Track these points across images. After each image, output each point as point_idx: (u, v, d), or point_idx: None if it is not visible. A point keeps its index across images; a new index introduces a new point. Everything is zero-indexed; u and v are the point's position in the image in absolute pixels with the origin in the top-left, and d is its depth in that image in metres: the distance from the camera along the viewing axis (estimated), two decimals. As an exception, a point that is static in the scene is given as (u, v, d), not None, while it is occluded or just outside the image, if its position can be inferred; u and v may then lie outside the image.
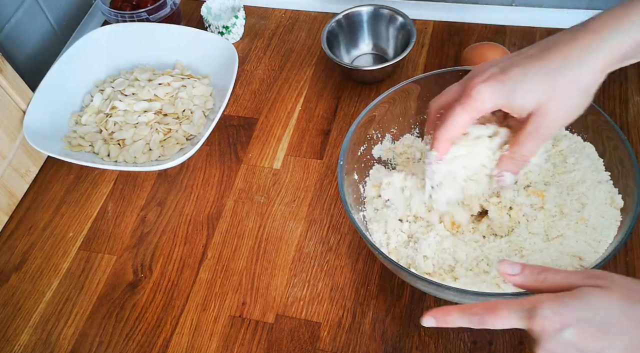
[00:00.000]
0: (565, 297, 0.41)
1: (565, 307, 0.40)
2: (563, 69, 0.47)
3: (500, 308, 0.42)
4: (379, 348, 0.62)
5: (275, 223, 0.72)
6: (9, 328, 0.67)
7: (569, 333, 0.40)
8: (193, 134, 0.79)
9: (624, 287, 0.41)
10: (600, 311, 0.40)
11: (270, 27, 0.94)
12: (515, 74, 0.48)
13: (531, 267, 0.45)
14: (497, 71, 0.49)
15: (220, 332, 0.65)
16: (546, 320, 0.40)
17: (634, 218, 0.55)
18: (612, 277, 0.42)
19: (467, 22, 0.90)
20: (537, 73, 0.48)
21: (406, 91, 0.69)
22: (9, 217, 0.76)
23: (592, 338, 0.40)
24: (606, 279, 0.42)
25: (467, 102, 0.49)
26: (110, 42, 0.87)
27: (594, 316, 0.40)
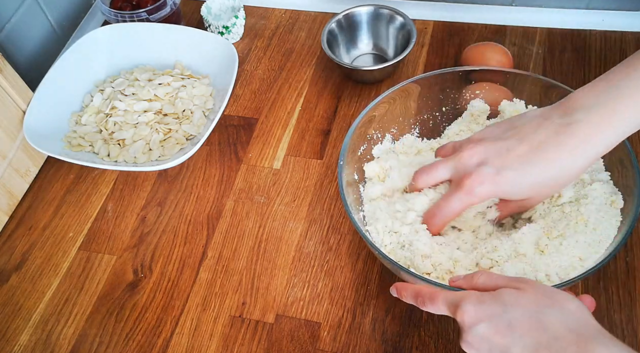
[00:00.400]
0: (485, 296, 0.45)
1: (482, 304, 0.45)
2: (551, 174, 0.53)
3: (437, 297, 0.48)
4: (379, 348, 0.62)
5: (275, 223, 0.72)
6: (9, 328, 0.67)
7: (482, 327, 0.44)
8: (193, 134, 0.79)
9: (539, 292, 0.45)
10: (510, 310, 0.44)
11: (270, 27, 0.94)
12: (510, 179, 0.53)
13: (472, 274, 0.50)
14: (493, 172, 0.54)
15: (220, 332, 0.65)
16: (465, 314, 0.45)
17: (633, 218, 0.55)
18: (533, 283, 0.46)
19: (467, 22, 0.90)
20: (529, 179, 0.53)
21: (406, 91, 0.69)
22: (9, 217, 0.76)
23: (500, 334, 0.44)
24: (526, 283, 0.46)
25: (466, 198, 0.55)
26: (110, 42, 0.87)
27: (504, 314, 0.44)
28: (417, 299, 0.50)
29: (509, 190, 0.54)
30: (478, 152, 0.55)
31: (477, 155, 0.55)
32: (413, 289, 0.51)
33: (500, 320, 0.44)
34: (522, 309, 0.44)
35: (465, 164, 0.56)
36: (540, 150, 0.52)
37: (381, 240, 0.61)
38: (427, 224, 0.59)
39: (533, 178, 0.53)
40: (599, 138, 0.51)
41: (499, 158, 0.54)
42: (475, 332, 0.44)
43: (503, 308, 0.44)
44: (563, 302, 0.44)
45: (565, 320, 0.43)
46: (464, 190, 0.55)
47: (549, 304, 0.44)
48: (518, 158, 0.53)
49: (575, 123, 0.51)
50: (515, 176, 0.53)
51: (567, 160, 0.52)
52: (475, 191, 0.54)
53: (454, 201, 0.56)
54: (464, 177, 0.55)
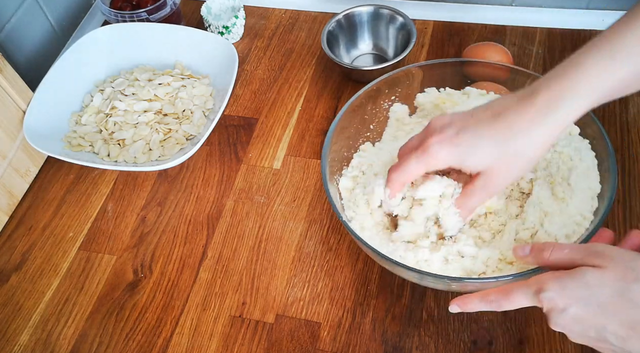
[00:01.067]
0: (566, 278, 0.44)
1: (565, 288, 0.44)
2: (510, 140, 0.51)
3: (513, 293, 0.47)
4: (379, 348, 0.62)
5: (275, 223, 0.72)
6: (9, 328, 0.67)
7: (572, 311, 0.44)
8: (193, 134, 0.79)
9: (622, 266, 0.44)
10: (596, 291, 0.43)
11: (270, 27, 0.94)
12: (467, 138, 0.52)
13: (538, 246, 0.49)
14: (453, 133, 0.53)
15: (220, 332, 0.65)
16: (551, 301, 0.44)
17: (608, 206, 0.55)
18: (612, 255, 0.45)
19: (467, 22, 0.90)
20: (487, 141, 0.52)
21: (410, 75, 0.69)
22: (9, 217, 0.76)
23: (593, 315, 0.43)
24: (605, 258, 0.44)
25: (422, 157, 0.54)
26: (110, 42, 0.87)
27: (591, 295, 0.43)
28: (489, 303, 0.48)
29: (467, 151, 0.52)
30: (443, 118, 0.55)
31: (441, 120, 0.55)
32: (480, 297, 0.49)
33: (590, 302, 0.43)
34: (609, 289, 0.43)
35: (430, 128, 0.55)
36: (501, 116, 0.52)
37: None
38: (388, 180, 0.58)
39: (491, 142, 0.52)
40: (558, 106, 0.50)
41: (462, 121, 0.53)
42: (566, 315, 0.44)
43: (589, 290, 0.43)
44: None
45: None
46: (422, 148, 0.54)
47: (634, 278, 0.43)
48: (479, 122, 0.52)
49: (536, 92, 0.51)
50: (473, 136, 0.52)
51: (527, 127, 0.51)
52: (432, 150, 0.53)
53: (412, 160, 0.55)
54: (426, 136, 0.54)
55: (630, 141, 0.74)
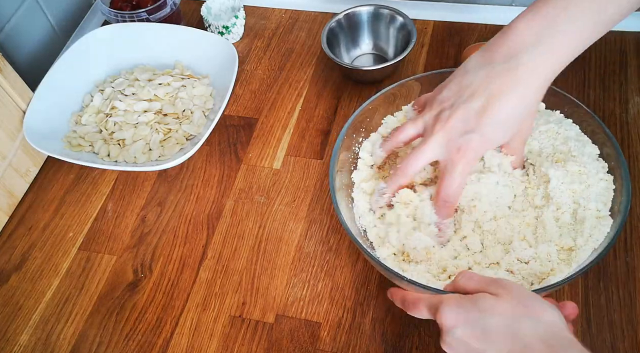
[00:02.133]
0: (464, 300, 0.47)
1: (460, 308, 0.46)
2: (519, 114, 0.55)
3: (419, 302, 0.50)
4: (379, 348, 0.62)
5: (275, 223, 0.72)
6: (9, 328, 0.67)
7: (459, 331, 0.45)
8: (193, 134, 0.79)
9: (516, 299, 0.45)
10: (486, 316, 0.45)
11: (270, 27, 0.94)
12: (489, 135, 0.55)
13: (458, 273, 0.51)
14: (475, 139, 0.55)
15: (220, 332, 0.65)
16: (444, 317, 0.46)
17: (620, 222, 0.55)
18: (511, 287, 0.46)
19: (467, 22, 0.90)
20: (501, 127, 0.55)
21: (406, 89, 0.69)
22: (9, 217, 0.76)
23: (476, 339, 0.45)
24: (505, 288, 0.46)
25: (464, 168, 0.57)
26: (110, 42, 0.87)
27: (479, 319, 0.45)
28: (403, 304, 0.53)
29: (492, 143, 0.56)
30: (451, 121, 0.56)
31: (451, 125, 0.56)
32: (401, 295, 0.53)
33: (477, 326, 0.45)
34: (497, 316, 0.45)
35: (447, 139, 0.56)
36: (498, 99, 0.54)
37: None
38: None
39: (503, 125, 0.55)
40: (546, 69, 0.53)
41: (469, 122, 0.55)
42: (453, 335, 0.46)
43: (480, 314, 0.45)
44: (539, 311, 0.45)
45: (538, 330, 0.43)
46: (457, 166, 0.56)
47: (524, 313, 0.44)
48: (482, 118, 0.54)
49: (521, 65, 0.53)
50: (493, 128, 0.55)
51: (523, 95, 0.54)
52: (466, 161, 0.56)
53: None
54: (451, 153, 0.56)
55: (630, 141, 0.74)
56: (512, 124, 0.55)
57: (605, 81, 0.80)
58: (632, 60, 0.82)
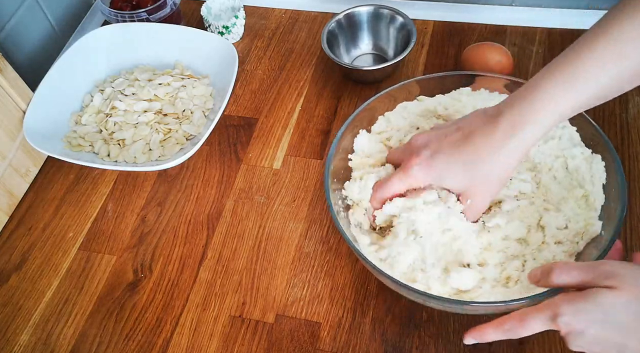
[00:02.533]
0: (579, 301, 0.45)
1: (580, 312, 0.44)
2: (478, 163, 0.55)
3: (528, 319, 0.47)
4: (379, 348, 0.62)
5: (275, 223, 0.72)
6: (9, 328, 0.67)
7: (591, 333, 0.44)
8: (193, 134, 0.79)
9: (634, 286, 0.44)
10: (612, 312, 0.44)
11: (270, 27, 0.94)
12: (440, 161, 0.57)
13: (546, 268, 0.48)
14: (429, 156, 0.57)
15: (220, 332, 0.65)
16: (568, 325, 0.45)
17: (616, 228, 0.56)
18: (622, 274, 0.45)
19: (467, 22, 0.90)
20: (458, 164, 0.56)
21: (406, 90, 0.69)
22: (9, 217, 0.76)
23: (612, 335, 0.44)
24: (616, 278, 0.45)
25: (404, 178, 0.59)
26: (110, 42, 0.87)
27: (607, 317, 0.44)
28: (506, 332, 0.48)
29: (442, 174, 0.57)
30: (422, 137, 0.59)
31: (421, 139, 0.59)
32: (494, 327, 0.49)
33: (607, 324, 0.44)
34: (624, 309, 0.44)
35: (411, 146, 0.60)
36: (469, 138, 0.55)
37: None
38: (372, 197, 0.62)
39: (462, 164, 0.56)
40: (521, 129, 0.53)
41: (437, 142, 0.57)
42: (585, 338, 0.45)
43: (604, 312, 0.44)
44: None
45: None
46: (403, 169, 0.59)
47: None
48: (450, 143, 0.56)
49: (499, 115, 0.54)
50: (446, 160, 0.56)
51: (491, 152, 0.54)
52: (412, 171, 0.58)
53: (394, 179, 0.60)
54: (407, 158, 0.59)
55: (630, 141, 0.74)
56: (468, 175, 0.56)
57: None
58: (632, 60, 0.82)
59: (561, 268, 0.47)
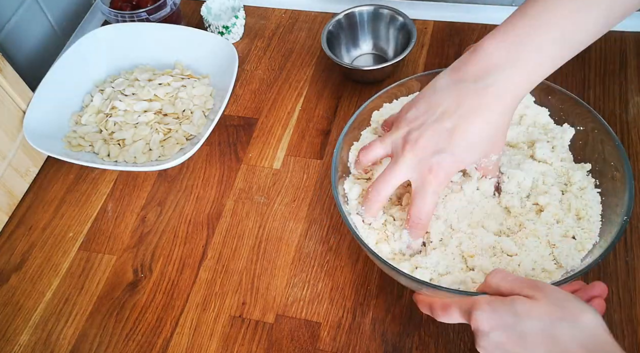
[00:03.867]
0: (498, 303, 0.46)
1: (495, 312, 0.45)
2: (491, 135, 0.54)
3: (450, 307, 0.49)
4: (379, 348, 0.62)
5: (275, 223, 0.72)
6: (9, 328, 0.67)
7: (495, 335, 0.45)
8: (193, 134, 0.79)
9: (552, 302, 0.44)
10: (522, 320, 0.44)
11: (270, 27, 0.94)
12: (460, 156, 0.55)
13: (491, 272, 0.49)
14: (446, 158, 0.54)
15: (220, 332, 0.65)
16: (478, 322, 0.46)
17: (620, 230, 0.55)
18: (546, 290, 0.45)
19: (467, 22, 0.90)
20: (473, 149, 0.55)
21: (407, 88, 0.69)
22: (9, 217, 0.76)
23: (513, 343, 0.45)
24: (540, 291, 0.45)
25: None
26: (110, 42, 0.87)
27: (515, 324, 0.44)
28: (431, 311, 0.52)
29: (464, 163, 0.55)
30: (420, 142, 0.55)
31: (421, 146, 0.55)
32: (427, 302, 0.52)
33: (513, 330, 0.44)
34: (534, 321, 0.44)
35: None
36: (467, 120, 0.53)
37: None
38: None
39: (474, 145, 0.54)
40: (515, 91, 0.53)
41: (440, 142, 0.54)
42: (489, 340, 0.45)
43: (515, 318, 0.44)
44: (577, 314, 0.44)
45: (577, 335, 0.43)
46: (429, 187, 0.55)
47: (562, 317, 0.43)
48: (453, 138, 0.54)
49: (492, 85, 0.53)
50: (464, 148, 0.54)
51: (490, 118, 0.53)
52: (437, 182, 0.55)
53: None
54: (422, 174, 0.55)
55: (630, 141, 0.74)
56: (483, 145, 0.55)
57: (605, 81, 0.80)
58: (632, 60, 0.82)
59: (499, 272, 0.49)
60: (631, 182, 0.56)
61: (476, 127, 0.53)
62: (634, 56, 0.82)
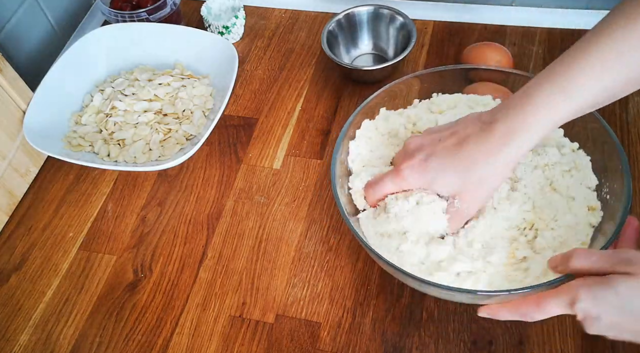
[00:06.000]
0: (597, 287, 0.45)
1: (597, 298, 0.45)
2: (471, 170, 0.55)
3: (545, 303, 0.48)
4: (379, 348, 0.62)
5: (275, 223, 0.72)
6: (9, 328, 0.67)
7: (607, 318, 0.45)
8: (193, 134, 0.79)
9: None
10: (627, 299, 0.44)
11: (270, 27, 0.94)
12: (434, 166, 0.57)
13: (566, 254, 0.49)
14: (422, 159, 0.57)
15: (220, 332, 0.65)
16: (584, 311, 0.45)
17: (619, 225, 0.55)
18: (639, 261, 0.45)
19: (467, 22, 0.90)
20: (451, 170, 0.56)
21: (407, 87, 0.69)
22: (9, 217, 0.76)
23: (627, 322, 0.45)
24: (635, 265, 0.45)
25: (396, 179, 0.59)
26: (110, 42, 0.87)
27: (623, 304, 0.44)
28: (522, 315, 0.49)
29: (435, 177, 0.57)
30: (416, 140, 0.60)
31: (415, 142, 0.59)
32: (508, 308, 0.50)
33: (623, 311, 0.44)
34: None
35: (406, 149, 0.60)
36: (464, 144, 0.55)
37: None
38: (366, 197, 0.62)
39: (455, 169, 0.56)
40: (514, 139, 0.53)
41: (431, 147, 0.57)
42: (601, 323, 0.45)
43: (620, 298, 0.44)
44: None
45: None
46: (396, 171, 0.59)
47: None
48: (445, 148, 0.56)
49: (495, 122, 0.54)
50: (440, 164, 0.56)
51: (485, 158, 0.54)
52: (404, 174, 0.58)
53: (387, 180, 0.60)
54: (401, 160, 0.59)
55: (630, 141, 0.74)
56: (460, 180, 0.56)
57: (605, 81, 0.80)
58: (632, 60, 0.82)
59: (581, 253, 0.48)
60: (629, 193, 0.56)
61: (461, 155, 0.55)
62: (634, 56, 0.82)
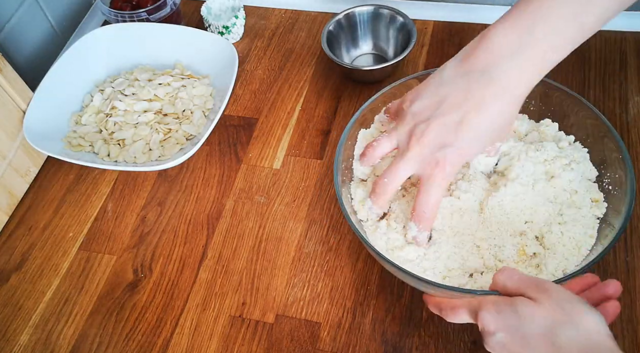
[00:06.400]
0: (503, 304, 0.46)
1: (499, 313, 0.46)
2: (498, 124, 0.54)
3: (458, 307, 0.50)
4: (379, 348, 0.62)
5: (275, 223, 0.72)
6: (9, 328, 0.67)
7: (500, 336, 0.46)
8: (193, 134, 0.79)
9: (556, 305, 0.44)
10: (525, 323, 0.45)
11: (270, 27, 0.94)
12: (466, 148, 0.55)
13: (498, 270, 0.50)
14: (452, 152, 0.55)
15: (220, 332, 0.65)
16: (484, 322, 0.47)
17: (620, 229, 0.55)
18: (551, 291, 0.45)
19: (467, 22, 0.90)
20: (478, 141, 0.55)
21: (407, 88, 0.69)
22: (9, 217, 0.76)
23: (517, 344, 0.45)
24: (544, 292, 0.45)
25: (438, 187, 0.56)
26: (110, 42, 0.87)
27: (519, 326, 0.45)
28: (440, 311, 0.52)
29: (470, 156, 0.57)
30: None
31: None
32: (435, 301, 0.53)
33: (516, 332, 0.45)
34: (536, 324, 0.44)
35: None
36: (476, 112, 0.53)
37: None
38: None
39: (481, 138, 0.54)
40: (522, 82, 0.53)
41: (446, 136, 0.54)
42: (495, 340, 0.46)
43: (519, 320, 0.45)
44: (579, 317, 0.43)
45: (577, 338, 0.43)
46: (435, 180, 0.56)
47: (564, 320, 0.43)
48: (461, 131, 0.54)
49: (499, 78, 0.52)
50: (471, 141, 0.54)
51: (501, 108, 0.53)
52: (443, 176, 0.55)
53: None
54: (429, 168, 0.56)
55: (631, 141, 0.74)
56: (490, 136, 0.55)
57: (605, 81, 0.80)
58: (632, 60, 0.82)
59: (506, 271, 0.49)
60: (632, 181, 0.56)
61: (483, 120, 0.53)
62: (634, 56, 0.82)
